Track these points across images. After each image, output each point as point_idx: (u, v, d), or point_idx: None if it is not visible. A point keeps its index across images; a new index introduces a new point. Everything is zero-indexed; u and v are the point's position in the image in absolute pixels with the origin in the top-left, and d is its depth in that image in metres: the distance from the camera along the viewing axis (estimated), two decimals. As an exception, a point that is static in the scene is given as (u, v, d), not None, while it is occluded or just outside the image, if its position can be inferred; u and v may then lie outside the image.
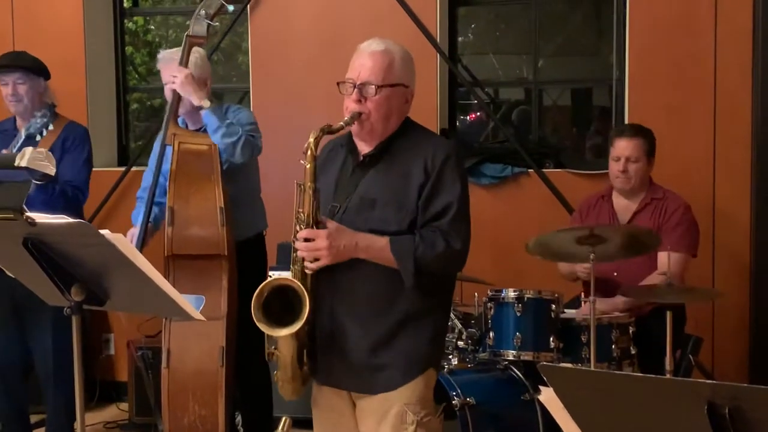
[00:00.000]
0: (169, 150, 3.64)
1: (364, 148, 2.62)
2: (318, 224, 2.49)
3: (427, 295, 2.55)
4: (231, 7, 3.92)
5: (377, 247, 2.48)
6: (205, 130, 3.66)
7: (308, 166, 2.48)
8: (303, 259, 2.49)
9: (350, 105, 2.55)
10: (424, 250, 2.47)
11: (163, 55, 3.83)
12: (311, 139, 2.47)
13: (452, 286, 2.78)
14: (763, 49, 4.37)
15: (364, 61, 2.56)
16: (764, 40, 4.37)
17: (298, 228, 2.50)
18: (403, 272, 2.47)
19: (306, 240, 2.47)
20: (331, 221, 2.51)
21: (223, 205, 3.44)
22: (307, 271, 2.50)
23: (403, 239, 2.49)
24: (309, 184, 2.48)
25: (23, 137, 3.90)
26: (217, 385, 3.39)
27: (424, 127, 2.71)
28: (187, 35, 3.76)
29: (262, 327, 2.43)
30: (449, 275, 2.72)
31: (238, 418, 3.97)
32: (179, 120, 3.77)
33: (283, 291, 2.45)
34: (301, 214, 2.49)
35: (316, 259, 2.47)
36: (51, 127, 3.57)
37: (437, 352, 2.71)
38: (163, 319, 3.51)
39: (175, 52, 3.77)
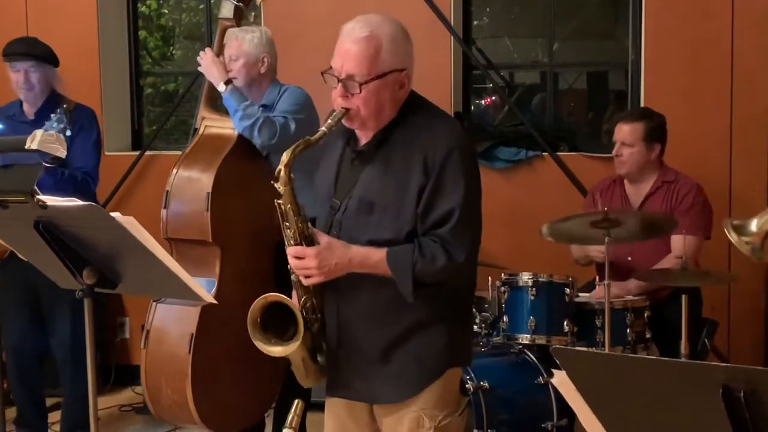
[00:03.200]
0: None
1: (361, 137, 2.42)
2: (307, 239, 2.32)
3: (436, 302, 2.38)
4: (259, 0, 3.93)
5: (372, 262, 2.30)
6: (264, 105, 3.66)
7: (284, 189, 2.28)
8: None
9: (337, 99, 2.32)
10: (424, 265, 2.27)
11: (230, 32, 3.79)
12: (285, 159, 2.26)
13: (470, 293, 2.58)
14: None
15: (348, 49, 2.30)
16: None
17: (287, 243, 2.34)
18: (402, 288, 2.29)
19: (296, 257, 2.31)
20: (323, 236, 2.33)
21: (210, 191, 3.37)
22: (303, 282, 2.37)
23: (401, 252, 2.29)
24: (289, 206, 2.29)
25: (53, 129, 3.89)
26: (184, 372, 3.31)
27: (429, 107, 2.46)
28: (217, 17, 3.79)
29: (258, 345, 2.35)
30: (468, 281, 2.51)
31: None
32: None
33: (279, 304, 2.36)
34: (288, 231, 2.32)
35: (309, 276, 2.31)
36: (69, 133, 3.52)
37: (457, 352, 2.49)
38: (151, 300, 3.47)
39: (239, 31, 3.77)
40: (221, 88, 3.60)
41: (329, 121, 2.31)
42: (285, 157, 2.28)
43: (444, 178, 2.30)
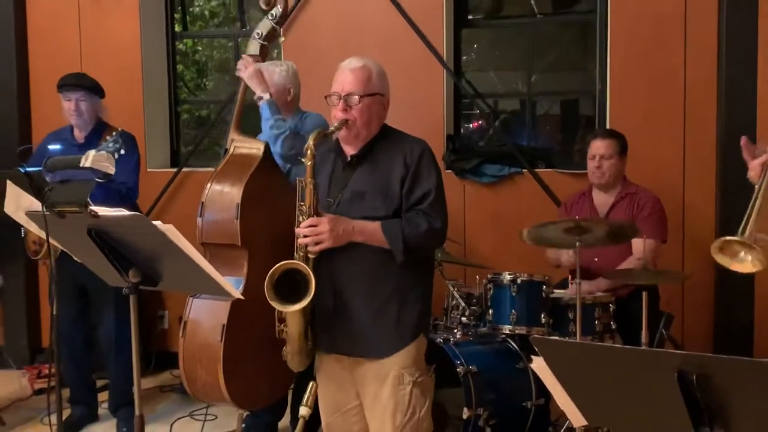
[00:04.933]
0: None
1: (349, 150, 2.64)
2: (318, 215, 2.52)
3: (411, 271, 2.57)
4: (282, 39, 3.93)
5: (370, 230, 2.50)
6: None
7: (309, 164, 2.50)
8: (306, 246, 2.50)
9: (338, 114, 2.57)
10: (410, 230, 2.49)
11: (260, 66, 3.73)
12: (311, 142, 2.51)
13: (432, 268, 2.80)
14: (726, 66, 4.32)
15: (346, 76, 2.58)
16: (728, 58, 4.32)
17: (300, 219, 2.52)
18: (394, 250, 2.49)
19: (310, 227, 2.48)
20: (328, 214, 2.54)
21: (240, 202, 3.40)
22: (310, 255, 2.51)
23: (392, 222, 2.51)
24: (309, 179, 2.50)
25: (104, 150, 3.87)
26: (216, 358, 3.29)
27: (399, 131, 2.71)
28: (245, 54, 3.74)
29: (275, 304, 2.44)
30: (429, 257, 2.74)
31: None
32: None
33: (291, 274, 2.45)
34: (303, 206, 2.52)
35: (319, 243, 2.48)
36: (123, 152, 3.51)
37: (425, 321, 2.72)
38: (187, 295, 3.48)
39: (270, 64, 3.79)
40: (265, 96, 3.56)
41: (335, 124, 2.58)
42: (311, 139, 2.52)
43: (420, 169, 2.56)
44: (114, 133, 3.59)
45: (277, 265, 2.44)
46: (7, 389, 4.78)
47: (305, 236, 2.48)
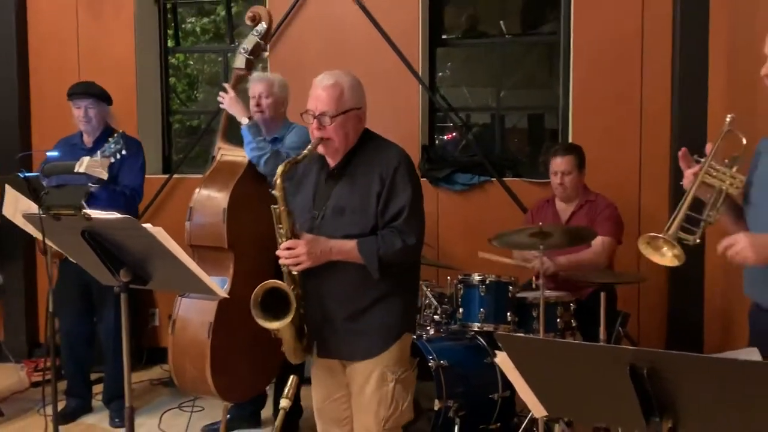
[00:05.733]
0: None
1: (331, 161, 2.56)
2: (296, 236, 2.45)
3: (392, 280, 2.50)
4: (266, 54, 3.92)
5: (347, 249, 2.44)
6: (275, 138, 3.65)
7: (278, 194, 2.42)
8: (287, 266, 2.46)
9: (314, 132, 2.47)
10: (386, 249, 2.42)
11: (258, 76, 3.79)
12: (279, 172, 2.41)
13: (416, 270, 2.72)
14: (680, 84, 4.37)
15: (319, 94, 2.47)
16: (681, 76, 4.37)
17: (280, 241, 2.46)
18: (370, 268, 2.43)
19: (289, 249, 2.43)
20: (307, 234, 2.47)
21: (226, 206, 3.37)
22: (293, 272, 2.47)
23: (368, 241, 2.44)
24: (282, 207, 2.42)
25: (99, 156, 3.84)
26: (204, 354, 3.29)
27: (379, 138, 2.60)
28: (232, 67, 3.76)
29: (259, 322, 2.40)
30: (414, 263, 2.65)
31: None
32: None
33: (276, 290, 2.42)
34: (282, 230, 2.45)
35: (298, 263, 2.43)
36: (124, 152, 3.48)
37: (409, 321, 2.66)
38: (176, 294, 3.45)
39: (270, 75, 3.79)
40: (244, 121, 3.56)
41: (309, 146, 2.48)
42: (279, 169, 2.43)
43: (395, 183, 2.47)
44: (116, 135, 3.57)
45: (259, 286, 2.41)
46: (6, 382, 4.73)
47: (287, 257, 2.44)
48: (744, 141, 2.14)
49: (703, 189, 2.12)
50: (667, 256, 2.08)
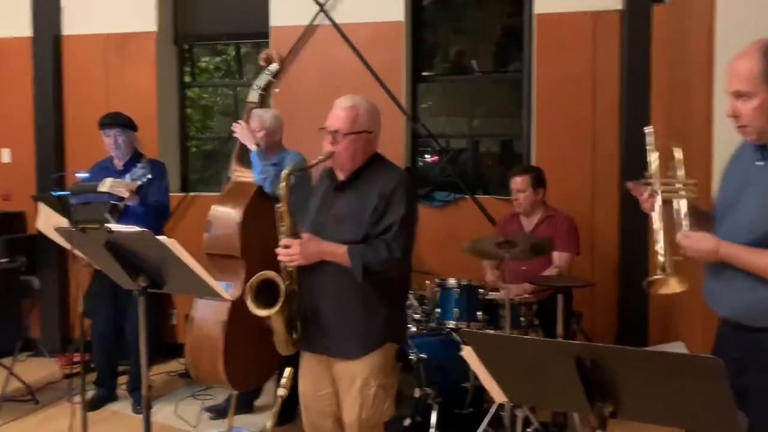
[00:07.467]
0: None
1: (340, 175, 2.52)
2: (296, 234, 2.42)
3: (378, 290, 2.43)
4: (276, 90, 3.98)
5: (338, 253, 2.38)
6: (274, 164, 3.67)
7: (282, 193, 2.40)
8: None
9: (326, 146, 2.44)
10: (372, 256, 2.35)
11: (254, 112, 3.82)
12: (284, 174, 2.40)
13: (404, 287, 2.60)
14: (627, 118, 4.40)
15: (338, 113, 2.44)
16: (628, 111, 4.39)
17: (281, 238, 2.43)
18: (354, 271, 2.36)
19: (285, 246, 2.39)
20: (305, 233, 2.41)
21: (240, 221, 3.38)
22: (288, 268, 2.44)
23: (357, 247, 2.37)
24: (283, 206, 2.40)
25: (128, 179, 3.83)
26: (217, 349, 3.29)
27: (387, 161, 2.55)
28: (246, 101, 3.83)
29: (251, 308, 2.37)
30: (402, 278, 2.55)
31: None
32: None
33: (271, 283, 2.39)
34: (283, 227, 2.42)
35: (292, 261, 2.39)
36: (149, 176, 3.47)
37: (394, 332, 2.53)
38: (195, 297, 3.45)
39: (262, 111, 3.81)
40: (253, 148, 3.66)
41: (320, 156, 2.44)
42: (284, 173, 2.40)
43: (392, 200, 2.40)
44: (143, 161, 3.58)
45: (255, 275, 2.38)
46: (42, 374, 4.70)
47: (283, 255, 2.41)
48: (677, 151, 2.10)
49: (665, 209, 2.01)
50: (678, 287, 1.97)
